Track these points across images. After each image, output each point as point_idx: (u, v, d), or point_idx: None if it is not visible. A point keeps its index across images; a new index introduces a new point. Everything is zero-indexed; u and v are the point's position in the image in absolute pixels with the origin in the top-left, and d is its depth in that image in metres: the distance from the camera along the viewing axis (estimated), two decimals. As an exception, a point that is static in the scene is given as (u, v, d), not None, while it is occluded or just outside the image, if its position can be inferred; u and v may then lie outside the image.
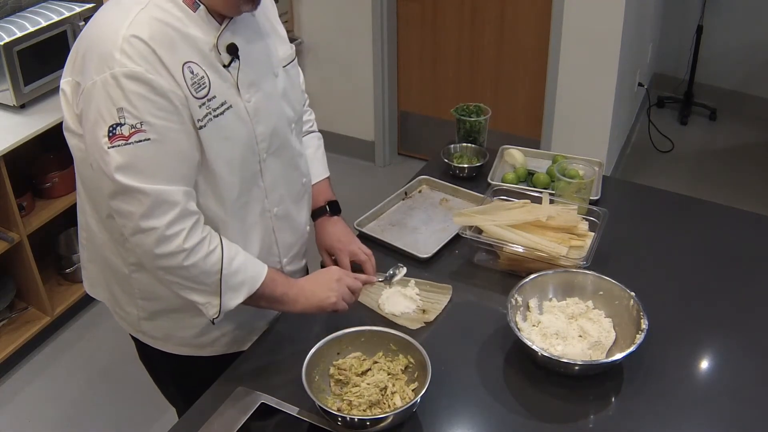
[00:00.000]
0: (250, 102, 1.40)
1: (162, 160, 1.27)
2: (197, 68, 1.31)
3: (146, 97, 1.24)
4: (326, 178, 1.75)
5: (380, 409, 1.34)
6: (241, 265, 1.38)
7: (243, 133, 1.40)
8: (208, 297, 1.37)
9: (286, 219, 1.57)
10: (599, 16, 3.29)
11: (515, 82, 3.76)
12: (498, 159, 2.15)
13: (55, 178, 2.93)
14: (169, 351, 1.59)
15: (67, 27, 2.84)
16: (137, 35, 1.23)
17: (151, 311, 1.53)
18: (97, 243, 1.50)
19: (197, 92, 1.31)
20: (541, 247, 1.67)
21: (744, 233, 1.87)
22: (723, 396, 1.41)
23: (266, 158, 1.47)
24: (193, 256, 1.32)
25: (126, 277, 1.49)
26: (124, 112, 1.23)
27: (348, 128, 4.18)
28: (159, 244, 1.29)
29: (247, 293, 1.39)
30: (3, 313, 2.88)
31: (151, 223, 1.28)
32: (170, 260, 1.31)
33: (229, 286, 1.37)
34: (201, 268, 1.33)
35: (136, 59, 1.23)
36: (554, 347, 1.46)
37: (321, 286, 1.48)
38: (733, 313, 1.61)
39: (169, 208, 1.28)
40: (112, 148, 1.24)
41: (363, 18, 3.86)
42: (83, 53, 1.29)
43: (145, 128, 1.24)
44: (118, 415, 2.69)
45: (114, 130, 1.23)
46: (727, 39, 4.59)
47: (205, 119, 1.32)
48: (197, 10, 1.31)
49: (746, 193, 3.91)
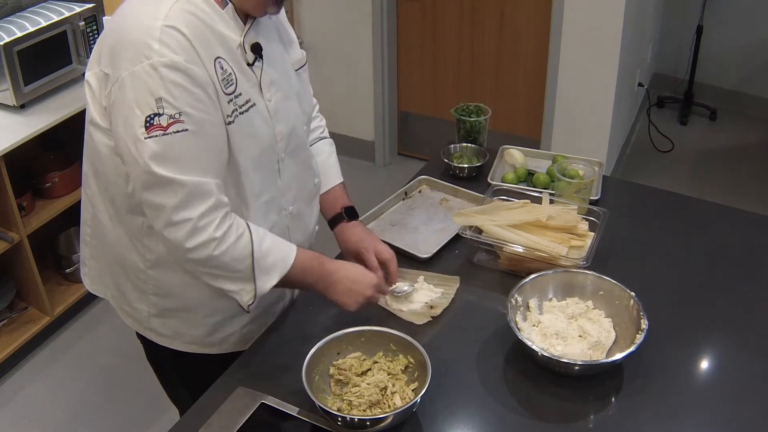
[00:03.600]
0: (271, 101, 1.42)
1: (198, 151, 1.28)
2: (226, 64, 1.32)
3: (185, 88, 1.24)
4: (340, 183, 1.75)
5: (380, 409, 1.34)
6: (271, 246, 1.39)
7: (265, 132, 1.42)
8: (242, 283, 1.37)
9: (299, 218, 1.59)
10: (599, 16, 3.29)
11: (515, 82, 3.76)
12: (498, 159, 2.15)
13: (55, 178, 2.93)
14: (176, 348, 1.58)
15: (67, 27, 2.84)
16: (174, 26, 1.23)
17: (163, 308, 1.52)
18: (108, 239, 1.49)
19: (226, 88, 1.32)
20: (541, 247, 1.67)
21: (744, 233, 1.87)
22: (723, 396, 1.41)
23: (284, 158, 1.49)
24: (223, 243, 1.32)
25: (140, 273, 1.48)
26: (162, 102, 1.22)
27: (348, 128, 4.18)
28: (191, 236, 1.29)
29: (280, 274, 1.40)
30: (3, 313, 2.88)
31: (184, 215, 1.28)
32: (202, 251, 1.31)
33: (262, 268, 1.37)
34: (232, 254, 1.33)
35: (176, 49, 1.23)
36: (554, 347, 1.46)
37: (352, 293, 1.49)
38: (733, 313, 1.61)
39: (202, 199, 1.29)
40: (149, 138, 1.23)
41: (363, 18, 3.86)
42: (113, 44, 1.27)
43: (184, 119, 1.24)
44: (118, 415, 2.69)
45: (152, 120, 1.23)
46: (727, 39, 4.59)
47: (233, 115, 1.33)
48: (225, 8, 1.33)
49: (746, 193, 3.91)
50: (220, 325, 1.55)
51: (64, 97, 2.85)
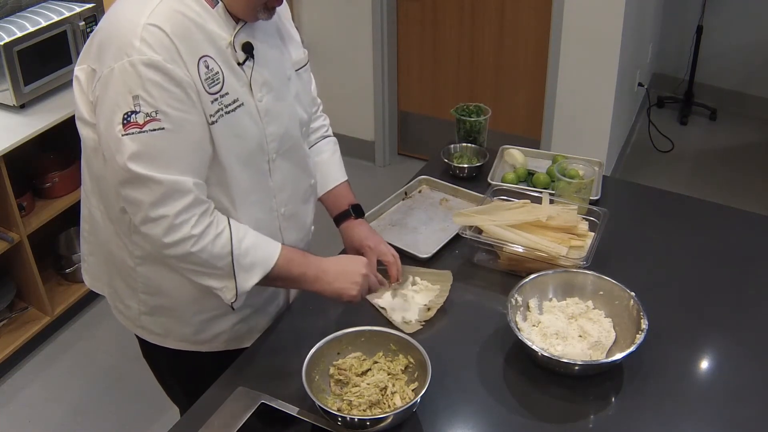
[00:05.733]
0: (261, 102, 1.41)
1: (176, 150, 1.28)
2: (213, 63, 1.32)
3: (163, 87, 1.24)
4: (345, 181, 1.75)
5: (380, 409, 1.34)
6: (251, 246, 1.39)
7: (254, 132, 1.41)
8: (223, 281, 1.38)
9: (294, 219, 1.58)
10: (599, 16, 3.29)
11: (515, 82, 3.76)
12: (498, 159, 2.15)
13: (55, 178, 2.93)
14: (168, 346, 1.59)
15: (67, 27, 2.84)
16: (157, 25, 1.24)
17: (152, 306, 1.53)
18: (101, 236, 1.50)
19: (210, 87, 1.31)
20: (541, 247, 1.67)
21: (744, 233, 1.87)
22: (723, 396, 1.41)
23: (275, 158, 1.48)
24: (201, 241, 1.32)
25: (130, 271, 1.49)
26: (139, 99, 1.23)
27: (348, 128, 4.18)
28: (168, 232, 1.30)
29: (262, 273, 1.39)
30: (3, 313, 2.88)
31: (161, 212, 1.28)
32: (179, 248, 1.31)
33: (242, 266, 1.37)
34: (210, 251, 1.34)
35: (156, 48, 1.23)
36: (554, 347, 1.46)
37: (346, 275, 1.48)
38: (733, 313, 1.61)
39: (180, 197, 1.29)
40: (126, 135, 1.24)
41: (363, 18, 3.86)
42: (100, 40, 1.29)
43: (160, 117, 1.25)
44: (118, 415, 2.68)
45: (129, 117, 1.23)
46: (727, 39, 4.59)
47: (216, 115, 1.33)
48: (216, 7, 1.33)
49: (746, 193, 3.91)
50: (209, 324, 1.55)
51: (64, 97, 2.85)
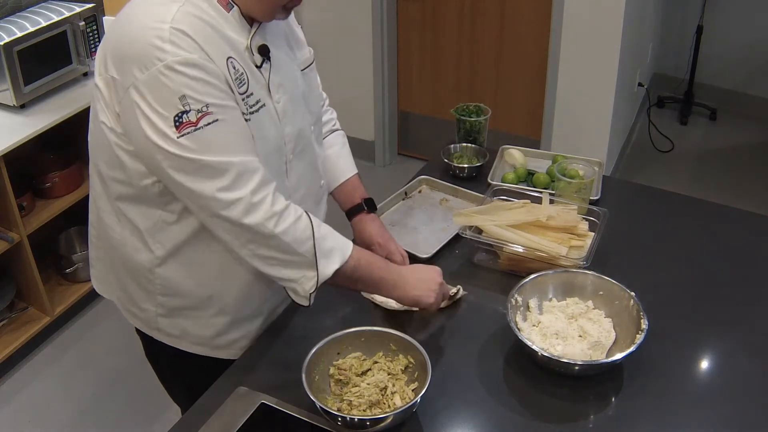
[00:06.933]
0: (279, 103, 1.42)
1: (234, 136, 1.29)
2: (238, 64, 1.32)
3: (206, 81, 1.24)
4: (356, 174, 1.76)
5: (380, 409, 1.34)
6: (328, 231, 1.40)
7: (274, 133, 1.42)
8: (303, 269, 1.37)
9: None
10: (599, 16, 3.29)
11: (515, 82, 3.76)
12: (498, 159, 2.15)
13: (55, 178, 2.93)
14: (183, 349, 1.57)
15: (67, 27, 2.84)
16: (181, 29, 1.23)
17: (171, 308, 1.51)
18: (113, 240, 1.48)
19: (239, 87, 1.32)
20: (541, 247, 1.67)
21: (744, 233, 1.87)
22: (723, 396, 1.41)
23: (291, 159, 1.49)
24: (283, 221, 1.32)
25: (147, 273, 1.47)
26: (187, 99, 1.22)
27: (348, 128, 4.11)
28: (247, 213, 1.29)
29: (340, 260, 1.39)
30: (3, 313, 2.88)
31: (235, 195, 1.27)
32: (262, 228, 1.30)
33: (323, 251, 1.37)
34: (293, 235, 1.33)
35: (188, 48, 1.23)
36: (554, 347, 1.46)
37: (425, 282, 1.50)
38: (733, 313, 1.61)
39: (250, 176, 1.29)
40: (182, 137, 1.23)
41: (363, 18, 3.86)
42: (120, 49, 1.26)
43: (212, 110, 1.24)
44: (118, 414, 2.69)
45: (180, 118, 1.23)
46: (727, 39, 4.59)
47: (247, 114, 1.34)
48: (231, 11, 1.33)
49: (746, 193, 3.91)
50: (229, 328, 1.54)
51: (64, 97, 2.85)
